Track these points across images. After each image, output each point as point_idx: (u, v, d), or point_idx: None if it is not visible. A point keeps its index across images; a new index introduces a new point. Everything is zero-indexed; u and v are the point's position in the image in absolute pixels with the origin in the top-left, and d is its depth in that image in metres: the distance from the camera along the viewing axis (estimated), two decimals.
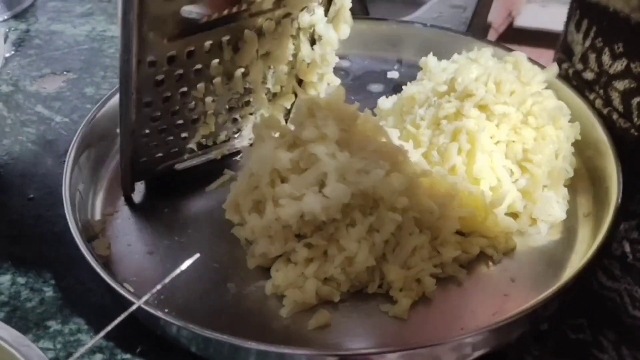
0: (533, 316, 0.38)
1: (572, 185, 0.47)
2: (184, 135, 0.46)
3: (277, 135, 0.42)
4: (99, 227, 0.45)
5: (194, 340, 0.37)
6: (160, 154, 0.46)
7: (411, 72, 0.56)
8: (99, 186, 0.48)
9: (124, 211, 0.47)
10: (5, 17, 0.67)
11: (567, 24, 0.52)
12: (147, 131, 0.43)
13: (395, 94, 0.53)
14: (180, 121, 0.44)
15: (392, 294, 0.40)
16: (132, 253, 0.44)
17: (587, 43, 0.48)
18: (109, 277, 0.38)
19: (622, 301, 0.42)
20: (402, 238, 0.41)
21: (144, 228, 0.46)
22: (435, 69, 0.53)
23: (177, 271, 0.35)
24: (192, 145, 0.47)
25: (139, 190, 0.48)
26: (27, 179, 0.50)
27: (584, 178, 0.48)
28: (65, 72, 0.60)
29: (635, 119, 0.45)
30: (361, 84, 0.59)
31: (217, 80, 0.43)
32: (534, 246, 0.44)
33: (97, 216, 0.46)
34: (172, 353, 0.38)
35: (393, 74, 0.59)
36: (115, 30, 0.66)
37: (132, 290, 0.39)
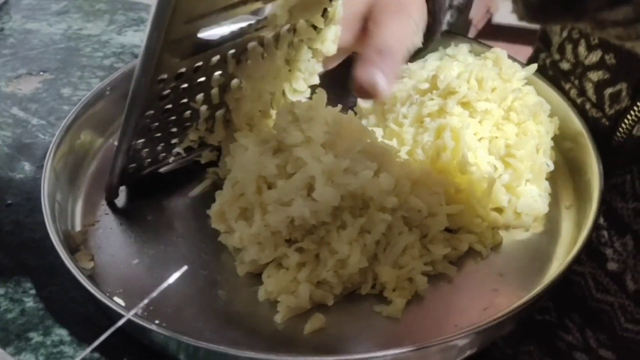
0: (525, 310, 0.38)
1: (552, 178, 0.48)
2: (174, 141, 0.45)
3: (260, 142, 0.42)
4: (80, 239, 0.44)
5: (191, 353, 0.36)
6: (149, 160, 0.46)
7: None
8: (77, 195, 0.47)
9: (105, 221, 0.45)
10: None
11: None
12: (142, 140, 0.43)
13: None
14: (174, 129, 0.44)
15: (386, 294, 0.40)
16: (116, 264, 0.43)
17: (565, 34, 0.49)
18: (98, 292, 0.37)
19: (586, 284, 0.43)
20: (392, 238, 0.41)
21: (128, 237, 0.44)
22: (414, 67, 0.53)
23: (165, 284, 0.35)
24: (179, 149, 0.47)
25: (120, 198, 0.47)
26: (3, 184, 0.49)
27: (563, 170, 0.49)
28: (41, 73, 0.59)
29: (607, 109, 0.46)
30: (337, 82, 0.58)
31: (215, 90, 0.43)
32: (519, 240, 0.45)
33: (78, 227, 0.45)
34: None
35: None
36: (92, 28, 0.65)
37: (123, 304, 0.38)
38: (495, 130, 0.46)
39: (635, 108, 0.45)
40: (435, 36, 0.50)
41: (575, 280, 0.44)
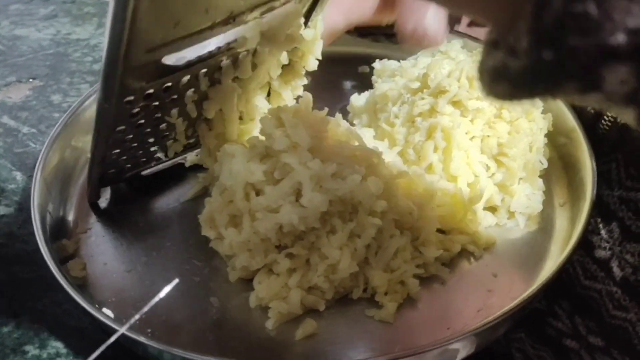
0: (520, 312, 0.38)
1: (545, 175, 0.47)
2: (153, 149, 0.45)
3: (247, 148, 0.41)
4: (73, 247, 0.44)
5: None
6: (128, 165, 0.45)
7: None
8: (69, 203, 0.47)
9: (97, 228, 0.45)
10: None
11: None
12: (118, 150, 0.42)
13: (367, 89, 0.53)
14: (151, 139, 0.44)
15: (377, 298, 0.40)
16: (109, 272, 0.43)
17: None
18: (89, 306, 0.37)
19: (575, 272, 0.43)
20: (383, 241, 0.41)
21: (120, 245, 0.44)
22: (405, 64, 0.53)
23: (156, 299, 0.35)
24: (160, 155, 0.46)
25: (111, 205, 0.47)
26: None
27: (557, 166, 0.48)
28: (30, 80, 0.59)
29: None
30: (331, 80, 0.58)
31: (191, 106, 0.42)
32: (513, 239, 0.44)
33: (70, 235, 0.45)
34: None
35: (364, 69, 0.59)
36: (80, 32, 0.64)
37: (111, 314, 0.38)
38: (487, 128, 0.45)
39: None
40: None
41: (564, 268, 0.45)
